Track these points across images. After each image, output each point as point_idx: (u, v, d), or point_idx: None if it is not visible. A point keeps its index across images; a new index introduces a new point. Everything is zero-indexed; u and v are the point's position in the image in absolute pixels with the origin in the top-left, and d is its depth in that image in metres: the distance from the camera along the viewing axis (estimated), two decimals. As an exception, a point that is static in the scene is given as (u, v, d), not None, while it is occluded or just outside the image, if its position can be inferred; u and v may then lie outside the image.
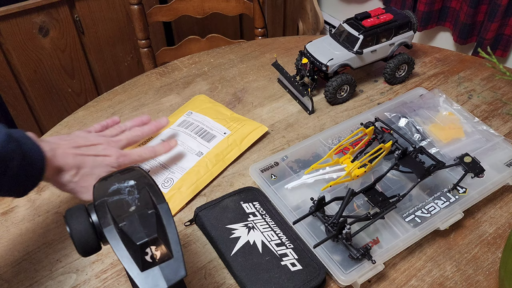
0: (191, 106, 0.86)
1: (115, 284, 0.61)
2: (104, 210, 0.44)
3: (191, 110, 0.84)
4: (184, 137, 0.78)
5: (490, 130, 0.79)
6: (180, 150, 0.76)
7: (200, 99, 0.88)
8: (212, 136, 0.78)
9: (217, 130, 0.80)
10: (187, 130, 0.80)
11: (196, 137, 0.78)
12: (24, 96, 1.45)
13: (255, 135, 0.81)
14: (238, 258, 0.61)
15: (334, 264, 0.60)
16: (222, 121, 0.81)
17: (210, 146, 0.77)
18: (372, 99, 0.91)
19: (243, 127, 0.81)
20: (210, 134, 0.79)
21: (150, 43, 1.30)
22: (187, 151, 0.76)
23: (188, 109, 0.84)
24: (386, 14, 0.88)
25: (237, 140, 0.79)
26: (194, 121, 0.81)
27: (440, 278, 0.62)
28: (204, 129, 0.80)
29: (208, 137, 0.78)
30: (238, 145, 0.79)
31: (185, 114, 0.83)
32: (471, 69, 0.99)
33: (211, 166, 0.75)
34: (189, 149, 0.76)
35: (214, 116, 0.82)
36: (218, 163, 0.76)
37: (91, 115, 0.88)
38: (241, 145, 0.79)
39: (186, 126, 0.80)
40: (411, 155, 0.71)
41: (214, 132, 0.79)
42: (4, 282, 0.61)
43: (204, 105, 0.86)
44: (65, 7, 1.36)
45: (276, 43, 1.08)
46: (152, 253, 0.42)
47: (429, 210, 0.67)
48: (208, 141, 0.78)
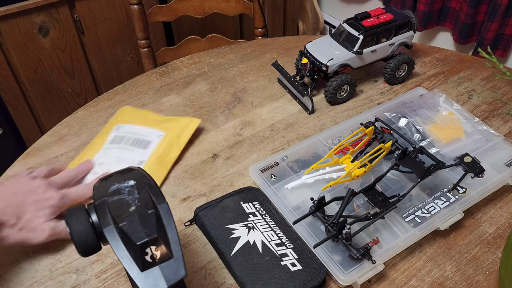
0: (118, 119, 0.83)
1: (115, 284, 0.61)
2: (104, 210, 0.44)
3: (119, 124, 0.81)
4: (121, 153, 0.76)
5: (490, 130, 0.79)
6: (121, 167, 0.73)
7: (126, 111, 0.86)
8: (147, 142, 0.77)
9: (151, 135, 0.78)
10: (121, 145, 0.77)
11: (132, 148, 0.77)
12: (24, 96, 1.45)
13: (190, 129, 0.81)
14: (238, 258, 0.61)
15: (334, 264, 0.60)
16: (153, 125, 0.80)
17: (149, 152, 0.76)
18: (372, 99, 0.91)
19: (175, 124, 0.81)
20: (145, 140, 0.78)
21: (150, 43, 1.30)
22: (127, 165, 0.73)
23: (116, 124, 0.82)
24: (386, 14, 0.88)
25: (174, 138, 0.78)
26: (126, 134, 0.79)
27: (440, 278, 0.62)
28: (137, 138, 0.78)
29: (144, 144, 0.77)
30: (177, 143, 0.78)
31: (114, 130, 0.80)
32: (471, 69, 0.99)
33: (156, 170, 0.74)
34: (130, 162, 0.74)
35: (144, 123, 0.81)
36: (162, 165, 0.75)
37: (91, 115, 0.88)
38: (179, 142, 0.79)
39: (118, 141, 0.78)
40: (411, 155, 0.71)
41: (148, 138, 0.78)
42: (4, 282, 0.61)
43: (131, 115, 0.84)
44: (65, 7, 1.36)
45: (276, 43, 1.08)
46: (152, 253, 0.42)
47: (429, 210, 0.67)
48: (145, 148, 0.76)
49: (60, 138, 0.83)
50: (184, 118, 0.83)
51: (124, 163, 0.74)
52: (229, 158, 0.79)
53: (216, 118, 0.87)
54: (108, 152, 0.77)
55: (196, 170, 0.77)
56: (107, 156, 0.76)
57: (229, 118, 0.87)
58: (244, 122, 0.86)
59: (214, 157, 0.79)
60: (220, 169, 0.77)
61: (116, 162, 0.75)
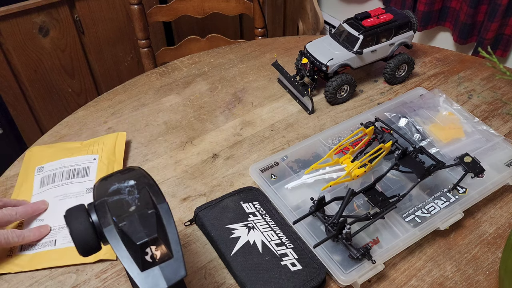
0: (33, 163, 0.75)
1: (115, 284, 0.61)
2: (104, 210, 0.44)
3: (38, 166, 0.74)
4: (60, 190, 0.70)
5: (490, 130, 0.79)
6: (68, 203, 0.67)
7: (36, 151, 0.78)
8: (86, 168, 0.73)
9: (84, 162, 0.74)
10: (56, 183, 0.71)
11: (72, 180, 0.71)
12: (24, 96, 1.45)
13: (121, 144, 0.78)
14: (238, 258, 0.61)
15: (334, 264, 0.60)
16: (80, 153, 0.76)
17: (93, 177, 0.72)
18: (372, 99, 0.91)
19: (104, 144, 0.77)
20: (82, 168, 0.73)
21: (150, 43, 1.30)
22: (73, 197, 0.69)
23: (33, 168, 0.74)
24: (386, 14, 0.88)
25: (110, 156, 0.75)
26: (55, 171, 0.73)
27: (440, 278, 0.62)
28: (72, 169, 0.73)
29: (83, 171, 0.72)
30: (115, 160, 0.76)
31: (37, 173, 0.73)
32: (471, 69, 0.99)
33: None
34: (76, 195, 0.69)
35: (67, 154, 0.75)
36: None
37: (91, 115, 0.88)
38: (117, 158, 0.76)
39: (50, 181, 0.71)
40: (411, 155, 0.71)
41: (84, 165, 0.73)
42: (4, 282, 0.61)
43: (46, 153, 0.77)
44: (65, 7, 1.36)
45: (276, 43, 1.08)
46: (152, 253, 0.42)
47: (429, 210, 0.67)
48: (87, 175, 0.72)
49: (60, 138, 0.83)
50: (107, 136, 0.79)
51: (69, 199, 0.69)
52: (229, 158, 0.79)
53: (216, 118, 0.87)
54: (43, 196, 0.69)
55: (196, 170, 0.77)
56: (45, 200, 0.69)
57: (229, 118, 0.87)
58: (244, 122, 0.86)
59: (214, 157, 0.79)
60: (220, 169, 0.77)
61: (60, 201, 0.69)
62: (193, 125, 0.86)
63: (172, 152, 0.80)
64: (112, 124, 0.86)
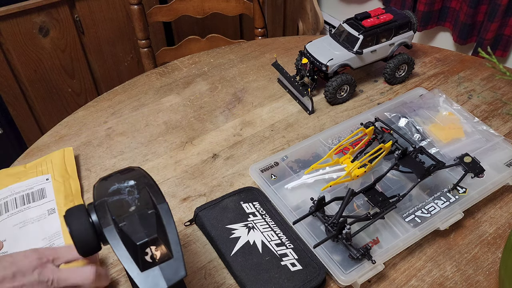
0: None
1: (115, 284, 0.61)
2: (104, 210, 0.44)
3: None
4: (18, 218, 0.65)
5: (490, 130, 0.79)
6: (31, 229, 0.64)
7: None
8: (41, 190, 0.69)
9: (37, 184, 0.70)
10: (11, 211, 0.66)
11: (28, 206, 0.67)
12: (24, 96, 1.45)
13: (70, 159, 0.75)
14: (238, 258, 0.61)
15: (334, 264, 0.60)
16: (28, 176, 0.71)
17: (52, 197, 0.68)
18: (372, 99, 0.91)
19: (53, 162, 0.74)
20: (36, 191, 0.69)
21: (150, 43, 1.30)
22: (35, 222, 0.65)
23: None
24: (386, 14, 0.88)
25: (64, 174, 0.72)
26: (5, 199, 0.68)
27: (440, 278, 0.62)
28: (25, 194, 0.68)
29: (38, 194, 0.68)
30: (69, 176, 0.73)
31: None
32: (471, 69, 0.99)
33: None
34: (37, 220, 0.65)
35: (16, 179, 0.71)
36: (76, 200, 0.69)
37: (91, 115, 0.88)
38: (71, 174, 0.73)
39: (2, 210, 0.66)
40: (411, 155, 0.71)
41: (38, 187, 0.69)
42: (4, 282, 0.61)
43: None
44: (65, 7, 1.36)
45: (276, 43, 1.08)
46: (152, 253, 0.42)
47: (429, 210, 0.67)
48: (44, 197, 0.68)
49: (60, 138, 0.83)
50: (52, 154, 0.76)
51: (31, 224, 0.65)
52: (229, 158, 0.79)
53: (216, 118, 0.87)
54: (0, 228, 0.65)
55: (196, 170, 0.77)
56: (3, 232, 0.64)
57: (229, 118, 0.87)
58: (244, 122, 0.86)
59: (214, 157, 0.79)
60: (220, 169, 0.77)
61: (20, 229, 0.64)
62: (193, 125, 0.86)
63: (172, 152, 0.80)
64: (112, 124, 0.86)
